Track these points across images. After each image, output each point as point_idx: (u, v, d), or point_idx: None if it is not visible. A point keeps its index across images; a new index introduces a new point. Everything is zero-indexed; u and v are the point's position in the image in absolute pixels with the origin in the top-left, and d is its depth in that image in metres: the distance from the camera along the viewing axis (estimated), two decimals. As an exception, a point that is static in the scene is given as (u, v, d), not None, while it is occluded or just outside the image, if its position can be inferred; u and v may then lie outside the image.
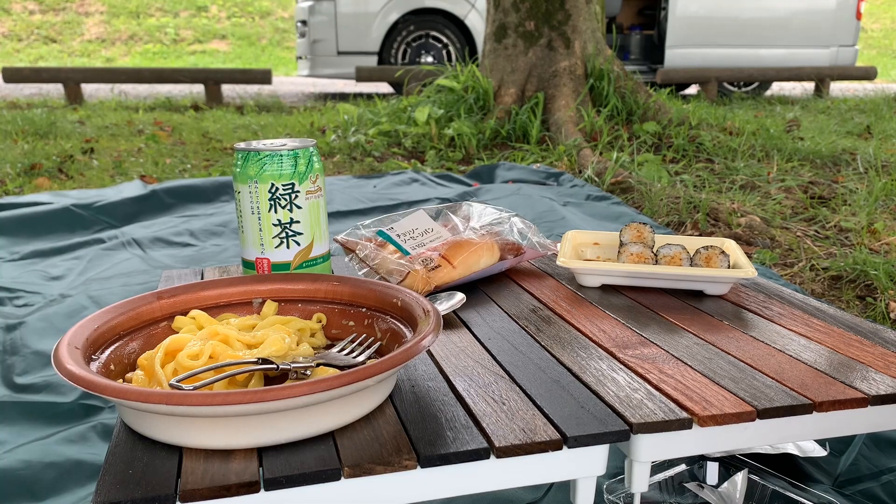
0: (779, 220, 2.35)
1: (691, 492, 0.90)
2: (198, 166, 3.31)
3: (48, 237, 2.14)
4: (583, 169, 3.06)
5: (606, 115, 3.76)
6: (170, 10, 11.16)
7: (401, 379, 0.62)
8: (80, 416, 1.17)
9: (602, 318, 0.77)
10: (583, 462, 0.54)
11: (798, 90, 7.07)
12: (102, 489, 0.47)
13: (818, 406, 0.58)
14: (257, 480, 0.48)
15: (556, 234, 2.07)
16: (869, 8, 12.29)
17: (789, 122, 4.31)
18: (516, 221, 0.97)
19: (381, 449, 0.51)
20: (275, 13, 11.54)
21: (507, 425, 0.54)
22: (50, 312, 1.56)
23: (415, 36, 6.18)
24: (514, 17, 3.95)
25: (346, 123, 4.10)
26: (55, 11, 10.78)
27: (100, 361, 0.58)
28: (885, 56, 11.21)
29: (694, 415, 0.56)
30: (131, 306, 0.64)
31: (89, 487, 0.99)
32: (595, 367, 0.65)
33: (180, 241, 2.11)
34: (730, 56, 6.38)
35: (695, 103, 4.80)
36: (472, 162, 3.40)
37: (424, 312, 0.61)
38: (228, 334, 0.60)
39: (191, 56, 10.35)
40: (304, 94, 6.82)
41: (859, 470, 0.99)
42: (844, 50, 6.51)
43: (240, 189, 0.78)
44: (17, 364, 1.33)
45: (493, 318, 0.78)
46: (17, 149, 3.46)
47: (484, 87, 3.90)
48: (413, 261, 0.84)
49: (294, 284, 0.70)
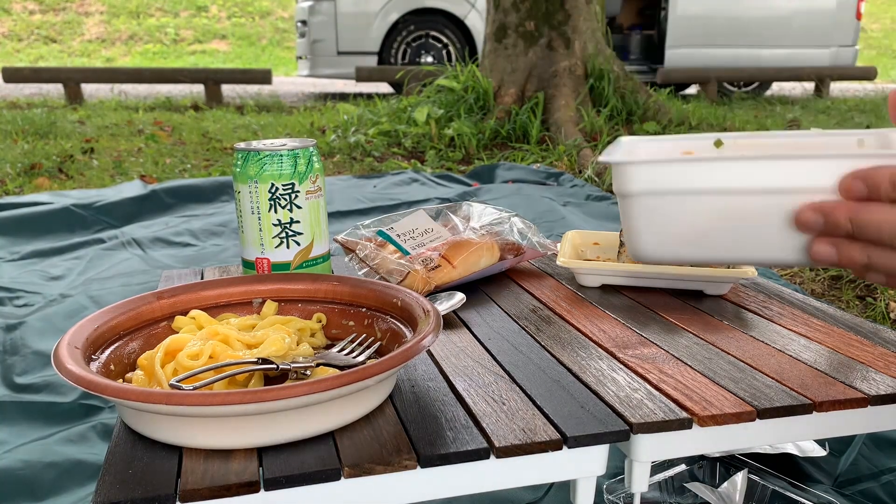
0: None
1: (691, 492, 0.90)
2: (198, 166, 3.31)
3: (48, 237, 2.14)
4: (583, 169, 3.06)
5: (606, 115, 3.76)
6: (170, 10, 11.16)
7: (401, 379, 0.62)
8: (80, 416, 1.17)
9: (602, 317, 0.77)
10: (583, 462, 0.54)
11: (798, 90, 7.07)
12: (102, 489, 0.47)
13: (818, 406, 0.58)
14: (257, 480, 0.48)
15: (556, 234, 2.07)
16: (869, 8, 12.29)
17: (789, 122, 4.31)
18: (516, 221, 0.97)
19: (381, 449, 0.51)
20: (275, 13, 11.54)
21: (507, 425, 0.54)
22: (50, 312, 1.56)
23: (415, 36, 6.18)
24: (514, 17, 3.95)
25: (346, 123, 4.10)
26: (55, 11, 10.79)
27: (100, 361, 0.58)
28: (885, 56, 11.21)
29: (694, 415, 0.56)
30: (131, 306, 0.64)
31: (89, 487, 0.99)
32: (595, 367, 0.65)
33: (180, 241, 2.11)
34: (730, 56, 6.37)
35: (695, 103, 4.81)
36: (471, 162, 3.40)
37: (424, 312, 0.61)
38: (228, 334, 0.60)
39: (191, 56, 10.35)
40: (304, 94, 6.82)
41: (859, 470, 0.99)
42: (844, 50, 6.51)
43: (240, 189, 0.78)
44: (17, 364, 1.33)
45: (493, 318, 0.78)
46: (17, 149, 3.46)
47: (484, 87, 3.90)
48: (413, 261, 0.84)
49: (294, 284, 0.70)
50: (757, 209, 0.50)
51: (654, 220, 0.52)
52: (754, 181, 0.49)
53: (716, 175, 0.50)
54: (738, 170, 0.49)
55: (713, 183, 0.50)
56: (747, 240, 0.51)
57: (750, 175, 0.49)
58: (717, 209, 0.51)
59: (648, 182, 0.51)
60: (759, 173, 0.49)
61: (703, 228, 0.51)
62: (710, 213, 0.51)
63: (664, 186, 0.51)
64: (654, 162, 0.51)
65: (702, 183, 0.50)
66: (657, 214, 0.52)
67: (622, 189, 0.52)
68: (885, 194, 0.45)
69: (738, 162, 0.49)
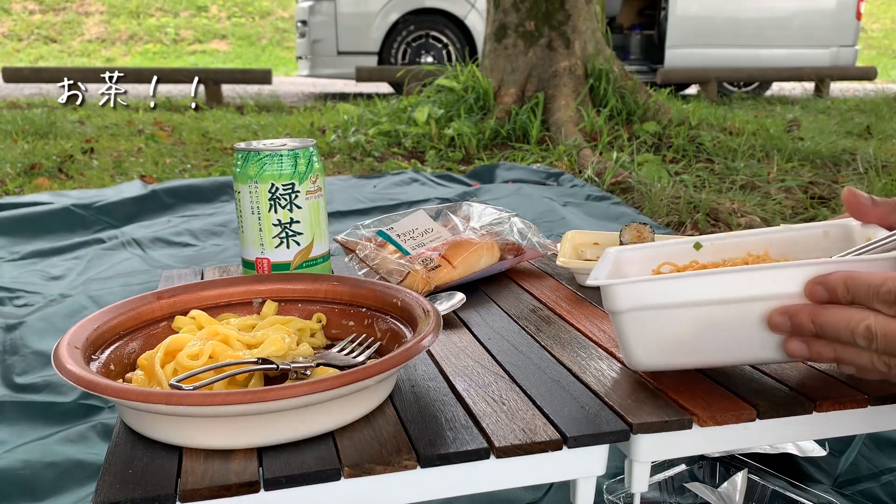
0: (779, 221, 2.35)
1: (691, 492, 0.90)
2: (198, 166, 3.31)
3: (48, 237, 2.14)
4: (583, 169, 3.06)
5: (606, 115, 3.76)
6: (170, 9, 11.15)
7: (401, 379, 0.62)
8: (80, 416, 1.17)
9: (602, 317, 0.77)
10: (583, 462, 0.54)
11: (798, 90, 7.07)
12: (102, 489, 0.47)
13: (818, 406, 0.58)
14: (257, 480, 0.48)
15: (556, 234, 2.07)
16: (869, 8, 12.29)
17: (789, 122, 4.31)
18: (516, 221, 0.97)
19: (381, 449, 0.51)
20: (275, 13, 11.54)
21: (507, 425, 0.54)
22: (50, 312, 1.56)
23: (415, 36, 6.18)
24: (514, 17, 3.95)
25: (346, 123, 4.10)
26: (55, 11, 10.79)
27: (100, 361, 0.58)
28: (885, 56, 11.21)
29: (694, 415, 0.56)
30: (131, 306, 0.64)
31: (89, 487, 0.99)
32: (595, 367, 0.65)
33: (180, 241, 2.11)
34: (730, 56, 6.37)
35: (695, 103, 4.81)
36: (472, 162, 3.40)
37: (424, 312, 0.61)
38: (228, 334, 0.60)
39: (191, 56, 10.35)
40: (305, 94, 6.82)
41: (859, 470, 0.99)
42: (844, 50, 6.51)
43: (240, 189, 0.78)
44: (17, 364, 1.33)
45: (493, 318, 0.78)
46: (17, 149, 3.46)
47: (484, 87, 3.90)
48: (413, 261, 0.84)
49: (294, 284, 0.70)
50: (736, 316, 0.55)
51: (643, 333, 0.58)
52: (730, 292, 0.55)
53: (695, 289, 0.55)
54: (715, 282, 0.55)
55: (693, 296, 0.55)
56: (730, 344, 0.57)
57: (726, 286, 0.55)
58: (699, 319, 0.56)
59: (634, 299, 0.56)
60: (734, 285, 0.55)
61: (688, 337, 0.57)
62: (693, 323, 0.56)
63: (649, 302, 0.56)
64: (638, 281, 0.57)
65: (683, 297, 0.56)
66: (645, 328, 0.57)
67: (611, 307, 0.58)
68: (842, 297, 0.51)
69: (714, 276, 0.55)
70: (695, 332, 0.57)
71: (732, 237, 0.67)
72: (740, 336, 0.56)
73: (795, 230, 0.66)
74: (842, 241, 0.64)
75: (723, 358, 0.58)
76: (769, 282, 0.54)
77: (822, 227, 0.65)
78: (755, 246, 0.66)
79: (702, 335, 0.57)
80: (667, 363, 0.59)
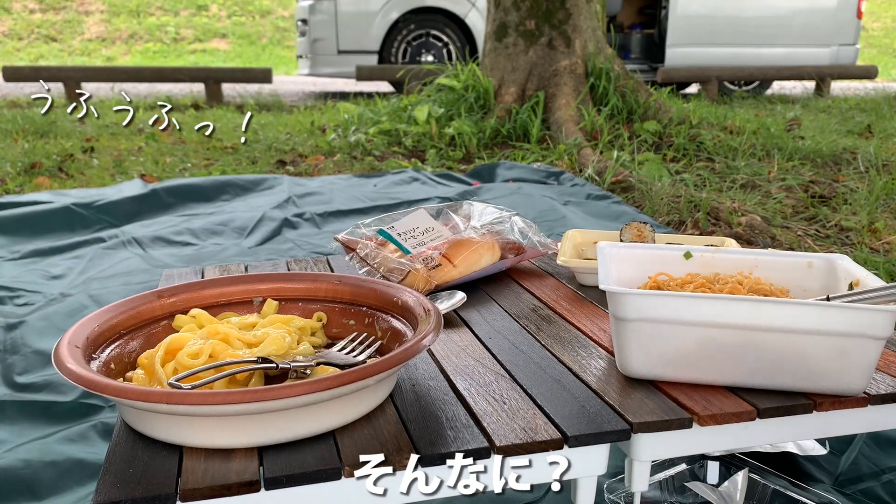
0: (779, 220, 2.35)
1: (692, 491, 0.90)
2: (198, 165, 3.31)
3: (48, 236, 2.13)
4: (583, 168, 3.06)
5: (607, 114, 3.76)
6: (170, 8, 11.15)
7: (401, 378, 0.62)
8: (81, 415, 1.17)
9: (602, 317, 0.77)
10: (583, 461, 0.54)
11: (799, 89, 7.06)
12: (103, 488, 0.47)
13: (818, 405, 0.58)
14: (258, 479, 0.48)
15: (557, 233, 2.06)
16: (870, 7, 12.28)
17: (790, 121, 4.30)
18: (517, 221, 0.97)
19: (382, 448, 0.51)
20: (275, 12, 11.54)
21: (507, 424, 0.54)
22: (50, 311, 1.56)
23: (415, 35, 6.17)
24: (515, 16, 3.94)
25: (346, 122, 4.10)
26: (55, 10, 10.78)
27: (100, 360, 0.58)
28: (885, 55, 11.20)
29: (694, 414, 0.56)
30: (131, 305, 0.64)
31: (89, 487, 0.99)
32: (596, 367, 0.65)
33: (181, 241, 2.11)
34: (730, 55, 6.37)
35: (695, 102, 4.80)
36: (472, 161, 3.40)
37: (425, 311, 0.61)
38: (228, 333, 0.60)
39: (191, 55, 10.34)
40: (305, 93, 6.81)
41: (860, 469, 0.99)
42: (845, 49, 6.50)
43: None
44: (18, 363, 1.33)
45: (494, 318, 0.78)
46: (17, 148, 3.46)
47: (484, 86, 3.90)
48: (414, 260, 0.84)
49: (294, 283, 0.70)
50: (737, 341, 0.58)
51: (646, 344, 0.60)
52: (739, 318, 0.58)
53: (708, 310, 0.58)
54: (728, 307, 0.58)
55: (703, 316, 0.58)
56: (725, 365, 0.59)
57: (737, 312, 0.58)
58: (704, 338, 0.59)
59: (644, 311, 0.59)
60: (746, 312, 0.58)
61: (688, 353, 0.60)
62: (697, 341, 0.59)
63: (658, 316, 0.59)
64: (652, 295, 0.60)
65: (694, 316, 0.58)
66: (649, 339, 0.60)
67: (618, 314, 0.60)
68: None
69: (729, 301, 0.58)
70: (696, 350, 0.59)
71: (721, 252, 0.70)
72: (737, 359, 0.59)
73: (782, 256, 0.70)
74: (825, 275, 0.68)
75: (714, 377, 0.60)
76: (779, 314, 0.57)
77: (806, 259, 0.69)
78: (743, 265, 0.70)
79: (702, 354, 0.59)
80: (662, 374, 0.61)
